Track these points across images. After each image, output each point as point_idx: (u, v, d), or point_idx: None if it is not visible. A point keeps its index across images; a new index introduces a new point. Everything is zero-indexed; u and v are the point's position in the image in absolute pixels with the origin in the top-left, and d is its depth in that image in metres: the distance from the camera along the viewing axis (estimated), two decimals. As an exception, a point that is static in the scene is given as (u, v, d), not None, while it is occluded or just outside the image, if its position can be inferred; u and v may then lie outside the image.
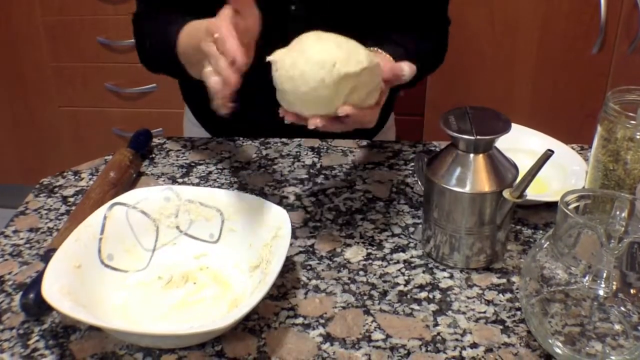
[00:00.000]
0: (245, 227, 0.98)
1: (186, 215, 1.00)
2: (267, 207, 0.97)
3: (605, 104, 0.94)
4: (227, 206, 1.00)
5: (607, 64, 2.27)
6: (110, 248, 0.93)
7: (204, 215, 1.00)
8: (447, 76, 2.34)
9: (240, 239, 0.98)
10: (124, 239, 0.96)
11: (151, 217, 0.99)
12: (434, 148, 1.28)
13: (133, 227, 0.97)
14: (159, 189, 1.00)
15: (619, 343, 0.80)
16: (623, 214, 0.79)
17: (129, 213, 0.97)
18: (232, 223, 0.99)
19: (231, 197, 1.00)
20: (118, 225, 0.95)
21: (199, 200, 1.00)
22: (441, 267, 0.98)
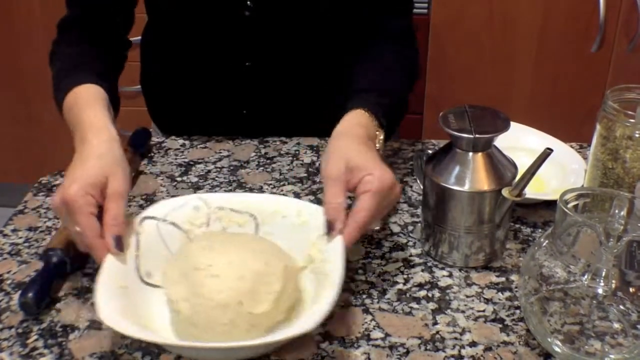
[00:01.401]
0: (282, 230, 0.95)
1: (218, 223, 0.96)
2: (304, 207, 0.95)
3: (604, 102, 0.94)
4: (260, 210, 0.96)
5: (607, 62, 2.27)
6: (148, 265, 0.90)
7: (236, 221, 0.96)
8: (446, 75, 2.34)
9: (278, 242, 0.93)
10: (159, 254, 0.91)
11: (182, 228, 0.95)
12: (433, 147, 1.28)
13: (165, 241, 0.93)
14: (187, 199, 0.97)
15: (618, 341, 0.80)
16: (622, 212, 0.78)
17: (159, 226, 0.93)
18: (268, 227, 0.96)
19: (263, 200, 0.98)
20: (151, 240, 0.92)
21: (229, 207, 0.97)
22: (440, 265, 0.98)
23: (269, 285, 0.82)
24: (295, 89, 1.33)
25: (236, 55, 1.28)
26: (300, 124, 1.35)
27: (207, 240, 0.89)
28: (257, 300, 0.81)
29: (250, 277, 0.82)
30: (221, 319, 0.80)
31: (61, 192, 0.86)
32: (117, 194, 0.88)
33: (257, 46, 1.27)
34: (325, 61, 1.31)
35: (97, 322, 0.88)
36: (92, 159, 0.91)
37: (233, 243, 0.88)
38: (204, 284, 0.81)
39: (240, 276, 0.82)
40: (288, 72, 1.30)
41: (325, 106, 1.25)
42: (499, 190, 0.91)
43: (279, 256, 0.88)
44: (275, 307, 0.82)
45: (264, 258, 0.85)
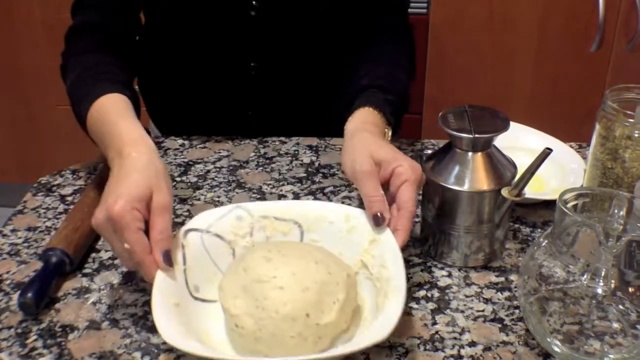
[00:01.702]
0: (329, 236, 0.93)
1: (261, 232, 0.94)
2: (352, 212, 0.93)
3: (604, 102, 0.94)
4: (304, 217, 0.94)
5: (606, 62, 2.27)
6: (195, 279, 0.87)
7: (280, 230, 0.94)
8: (445, 74, 2.34)
9: (326, 249, 0.90)
10: (205, 267, 0.89)
11: (226, 239, 0.92)
12: (433, 147, 1.28)
13: (210, 253, 0.91)
14: (229, 209, 0.94)
15: (617, 341, 0.80)
16: (621, 212, 0.78)
17: (204, 238, 0.91)
18: (314, 234, 0.94)
19: (307, 206, 0.96)
20: (196, 253, 0.89)
21: (273, 215, 0.95)
22: (439, 265, 0.98)
23: (333, 294, 0.81)
24: (299, 88, 1.33)
25: (241, 55, 1.28)
26: (302, 124, 1.35)
27: (263, 251, 0.85)
28: (323, 310, 0.79)
29: (315, 288, 0.80)
30: (288, 332, 0.78)
31: (105, 208, 0.83)
32: (162, 208, 0.85)
33: (263, 46, 1.27)
34: (328, 60, 1.32)
35: (96, 322, 0.89)
36: (134, 173, 0.88)
37: (292, 253, 0.85)
38: (267, 296, 0.79)
39: (305, 287, 0.80)
40: (292, 72, 1.31)
41: (326, 106, 1.26)
42: (499, 190, 0.91)
43: (340, 264, 0.86)
44: (340, 316, 0.80)
45: (326, 267, 0.83)
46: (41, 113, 2.60)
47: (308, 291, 0.79)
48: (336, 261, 0.86)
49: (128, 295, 0.93)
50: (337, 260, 0.87)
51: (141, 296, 0.93)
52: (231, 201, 1.12)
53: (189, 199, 1.13)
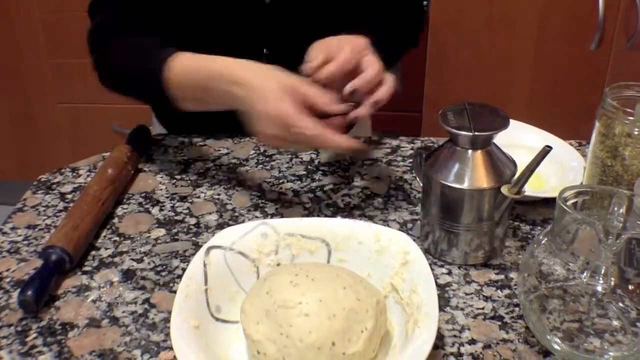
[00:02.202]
0: (358, 256, 0.90)
1: (287, 250, 0.91)
2: (382, 231, 0.90)
3: (603, 99, 0.94)
4: (332, 235, 0.91)
5: (606, 60, 2.27)
6: (217, 299, 0.85)
7: (307, 248, 0.91)
8: (445, 72, 2.34)
9: (354, 270, 0.87)
10: (227, 286, 0.87)
11: (250, 257, 0.90)
12: (432, 144, 1.28)
13: (233, 272, 0.88)
14: (253, 225, 0.91)
15: (617, 339, 0.80)
16: (621, 210, 0.78)
17: (226, 256, 0.88)
18: (341, 253, 0.91)
19: (335, 224, 0.92)
20: (218, 271, 0.87)
21: (299, 233, 0.91)
22: (439, 263, 0.98)
23: (361, 323, 0.77)
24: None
25: (254, 42, 1.28)
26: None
27: (289, 274, 0.81)
28: (350, 339, 0.76)
29: (342, 315, 0.76)
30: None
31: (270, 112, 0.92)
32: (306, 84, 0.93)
33: (276, 33, 1.28)
34: None
35: (96, 319, 0.89)
36: (265, 71, 0.96)
37: (319, 277, 0.81)
38: (292, 323, 0.76)
39: (332, 314, 0.76)
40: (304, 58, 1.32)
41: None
42: (499, 187, 0.91)
43: (370, 289, 0.82)
44: (368, 345, 0.77)
45: (355, 293, 0.79)
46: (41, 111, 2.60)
47: (335, 319, 0.76)
48: (366, 286, 0.82)
49: (128, 293, 0.93)
50: (367, 285, 0.83)
51: (141, 294, 0.93)
52: (231, 199, 1.12)
53: (189, 197, 1.13)
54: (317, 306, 0.77)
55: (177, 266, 0.98)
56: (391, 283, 0.87)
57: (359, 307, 0.78)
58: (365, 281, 0.83)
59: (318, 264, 0.87)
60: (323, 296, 0.78)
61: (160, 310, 0.90)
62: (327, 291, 0.78)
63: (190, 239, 1.03)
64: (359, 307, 0.78)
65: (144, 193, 1.15)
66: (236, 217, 1.08)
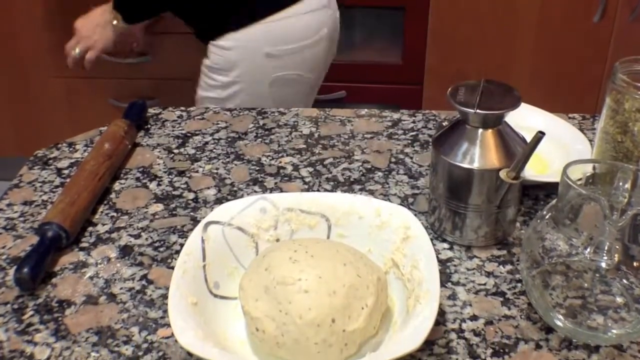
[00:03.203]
0: (358, 231, 0.89)
1: (286, 225, 0.90)
2: (383, 206, 0.89)
3: (614, 74, 0.92)
4: (332, 210, 0.90)
5: (609, 32, 2.25)
6: (215, 275, 0.83)
7: (306, 223, 0.90)
8: (446, 46, 2.32)
9: (354, 245, 0.86)
10: (225, 262, 0.86)
11: (248, 232, 0.88)
12: (434, 117, 1.26)
13: (232, 247, 0.87)
14: (252, 200, 0.90)
15: (620, 316, 0.79)
16: (626, 185, 0.77)
17: (225, 232, 0.87)
18: (341, 228, 0.90)
19: (335, 199, 0.91)
20: (217, 247, 0.85)
21: (299, 208, 0.90)
22: (441, 238, 0.97)
23: (362, 299, 0.76)
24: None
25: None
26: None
27: (288, 250, 0.80)
28: (351, 316, 0.75)
29: (342, 292, 0.75)
30: (313, 339, 0.74)
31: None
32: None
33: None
34: None
35: (93, 296, 0.88)
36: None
37: (319, 253, 0.80)
38: (291, 300, 0.75)
39: (332, 291, 0.75)
40: None
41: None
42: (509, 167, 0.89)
43: (371, 266, 0.81)
44: (368, 322, 0.76)
45: (356, 269, 0.78)
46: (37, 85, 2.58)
47: (335, 296, 0.75)
48: (367, 263, 0.81)
49: (126, 269, 0.92)
50: (368, 261, 0.82)
51: (139, 270, 0.92)
52: (230, 173, 1.11)
53: (187, 171, 1.12)
54: (316, 283, 0.76)
55: (175, 242, 0.97)
56: (392, 259, 0.86)
57: (360, 283, 0.77)
58: (365, 257, 0.82)
59: (318, 240, 0.85)
60: (323, 273, 0.77)
61: (158, 287, 0.89)
62: (327, 268, 0.77)
63: (189, 214, 1.02)
64: (359, 284, 0.77)
65: (141, 168, 1.13)
66: (235, 191, 1.07)
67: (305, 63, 1.65)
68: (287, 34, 1.59)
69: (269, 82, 1.62)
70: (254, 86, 1.62)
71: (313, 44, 1.63)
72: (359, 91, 2.46)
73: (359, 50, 2.58)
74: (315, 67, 1.70)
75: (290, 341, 0.74)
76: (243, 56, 1.59)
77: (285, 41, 1.59)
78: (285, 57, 1.60)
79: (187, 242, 0.84)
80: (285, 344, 0.75)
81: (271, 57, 1.59)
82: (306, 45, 1.62)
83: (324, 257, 0.79)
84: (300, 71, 1.65)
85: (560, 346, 0.80)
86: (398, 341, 0.73)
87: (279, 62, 1.61)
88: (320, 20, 1.64)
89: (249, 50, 1.58)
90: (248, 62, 1.59)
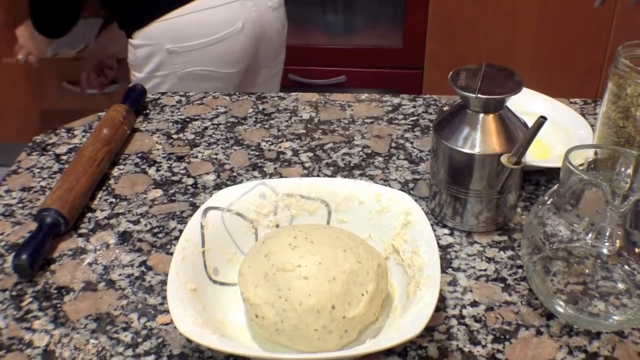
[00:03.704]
0: (358, 217, 0.88)
1: (286, 211, 0.89)
2: (383, 191, 0.88)
3: (616, 59, 0.91)
4: (332, 196, 0.89)
5: (610, 16, 2.24)
6: (214, 261, 0.83)
7: (306, 208, 0.89)
8: (447, 30, 2.31)
9: (354, 231, 0.85)
10: (225, 248, 0.85)
11: (248, 218, 0.88)
12: (435, 102, 1.26)
13: (231, 233, 0.86)
14: (251, 185, 0.89)
15: (622, 302, 0.78)
16: (628, 170, 0.77)
17: (224, 217, 0.86)
18: (342, 214, 0.89)
19: (335, 185, 0.90)
20: (216, 233, 0.85)
21: (299, 193, 0.89)
22: (441, 223, 0.96)
23: (362, 286, 0.76)
24: None
25: None
26: None
27: (287, 236, 0.80)
28: (351, 302, 0.75)
29: (342, 278, 0.75)
30: (312, 325, 0.73)
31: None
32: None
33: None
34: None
35: (92, 283, 0.87)
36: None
37: (319, 239, 0.79)
38: (291, 286, 0.74)
39: (332, 277, 0.75)
40: None
41: None
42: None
43: (371, 252, 0.80)
44: (368, 309, 0.76)
45: (356, 256, 0.78)
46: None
47: (335, 282, 0.74)
48: (367, 249, 0.80)
49: (124, 256, 0.92)
50: (368, 247, 0.81)
51: (138, 256, 0.91)
52: (229, 159, 1.10)
53: (186, 157, 1.11)
54: (316, 269, 0.75)
55: (174, 227, 0.97)
56: (392, 244, 0.85)
57: (360, 269, 0.77)
58: (366, 244, 0.82)
59: (318, 226, 0.85)
60: (323, 259, 0.76)
61: (157, 273, 0.89)
62: (327, 254, 0.77)
63: (188, 200, 1.02)
64: (359, 270, 0.77)
65: (140, 153, 1.13)
66: (234, 177, 1.07)
67: (216, 58, 1.65)
68: (188, 31, 1.61)
69: (179, 78, 1.65)
70: (167, 82, 1.66)
71: (222, 39, 1.63)
72: (359, 76, 2.45)
73: (360, 35, 2.57)
74: (234, 62, 1.69)
75: (289, 327, 0.74)
76: (150, 53, 1.63)
77: (187, 37, 1.61)
78: (189, 53, 1.62)
79: (186, 228, 0.83)
80: (285, 331, 0.74)
81: (174, 54, 1.62)
82: (213, 40, 1.62)
83: (324, 243, 0.78)
84: (212, 67, 1.66)
85: (561, 332, 0.80)
86: (398, 327, 0.73)
87: (183, 59, 1.63)
88: (232, 14, 1.63)
89: (153, 47, 1.62)
90: (155, 59, 1.63)
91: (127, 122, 1.15)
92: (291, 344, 0.75)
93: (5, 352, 0.78)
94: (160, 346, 0.79)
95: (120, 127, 1.12)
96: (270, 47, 1.77)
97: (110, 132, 1.10)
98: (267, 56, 1.79)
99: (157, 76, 1.64)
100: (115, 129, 1.11)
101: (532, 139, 0.85)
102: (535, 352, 0.78)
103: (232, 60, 1.68)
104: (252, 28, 1.67)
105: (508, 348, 0.78)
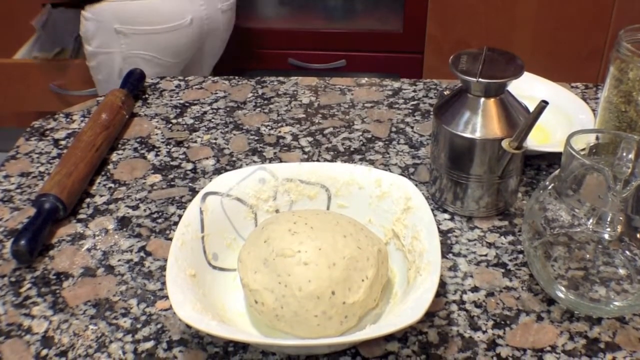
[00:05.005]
0: (358, 202, 0.88)
1: (286, 196, 0.89)
2: (384, 176, 0.87)
3: (618, 43, 0.90)
4: (332, 181, 0.89)
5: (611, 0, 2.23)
6: (213, 246, 0.83)
7: (306, 193, 0.89)
8: (447, 14, 2.29)
9: (354, 216, 0.85)
10: (224, 233, 0.85)
11: (247, 203, 0.87)
12: (435, 87, 1.25)
13: (230, 219, 0.86)
14: (251, 170, 0.89)
15: (623, 288, 0.78)
16: (630, 155, 0.76)
17: (223, 202, 0.86)
18: (341, 199, 0.89)
19: (335, 170, 0.89)
20: (215, 218, 0.84)
21: (298, 178, 0.89)
22: (442, 208, 0.96)
23: (362, 271, 0.75)
24: None
25: None
26: None
27: (287, 222, 0.79)
28: (351, 288, 0.74)
29: (342, 264, 0.74)
30: (312, 311, 0.73)
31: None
32: None
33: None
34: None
35: (91, 269, 0.87)
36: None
37: (318, 225, 0.78)
38: (291, 272, 0.74)
39: (331, 263, 0.74)
40: None
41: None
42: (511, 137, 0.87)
43: (372, 238, 0.80)
44: (368, 294, 0.76)
45: (356, 241, 0.77)
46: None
47: (335, 268, 0.74)
48: (367, 234, 0.80)
49: (124, 241, 0.91)
50: (368, 233, 0.81)
51: (137, 242, 0.91)
52: (228, 143, 1.10)
53: (185, 141, 1.11)
54: (316, 255, 0.75)
55: (174, 213, 0.96)
56: (392, 229, 0.85)
57: (360, 255, 0.76)
58: (366, 229, 0.81)
59: (318, 212, 0.84)
60: (322, 245, 0.76)
61: (156, 259, 0.89)
62: (327, 239, 0.76)
63: (187, 185, 1.01)
64: (359, 256, 0.76)
65: (139, 138, 1.12)
66: (234, 162, 1.06)
67: (160, 46, 1.76)
68: (138, 15, 1.71)
69: (123, 58, 1.76)
70: (112, 59, 1.76)
71: (170, 30, 1.74)
72: (359, 60, 2.44)
73: (359, 19, 2.56)
74: (178, 53, 1.82)
75: (289, 313, 0.74)
76: (97, 28, 1.73)
77: (136, 22, 1.71)
78: (135, 36, 1.73)
79: (186, 213, 0.83)
80: (285, 316, 0.74)
81: (120, 34, 1.72)
82: (160, 29, 1.74)
83: (324, 229, 0.78)
84: (155, 53, 1.77)
85: (561, 318, 0.80)
86: (399, 313, 0.72)
87: (128, 40, 1.73)
88: (181, 8, 1.75)
89: (102, 24, 1.72)
90: (101, 35, 1.74)
91: (126, 106, 1.14)
92: (291, 330, 0.75)
93: (4, 338, 0.78)
94: (160, 332, 0.79)
95: (118, 112, 1.11)
96: (214, 44, 1.92)
97: (109, 116, 1.09)
98: (210, 52, 1.93)
99: (103, 52, 1.75)
100: (114, 113, 1.10)
101: (533, 123, 0.84)
102: (535, 337, 0.78)
103: (177, 51, 1.81)
104: (200, 25, 1.80)
105: (508, 334, 0.78)
